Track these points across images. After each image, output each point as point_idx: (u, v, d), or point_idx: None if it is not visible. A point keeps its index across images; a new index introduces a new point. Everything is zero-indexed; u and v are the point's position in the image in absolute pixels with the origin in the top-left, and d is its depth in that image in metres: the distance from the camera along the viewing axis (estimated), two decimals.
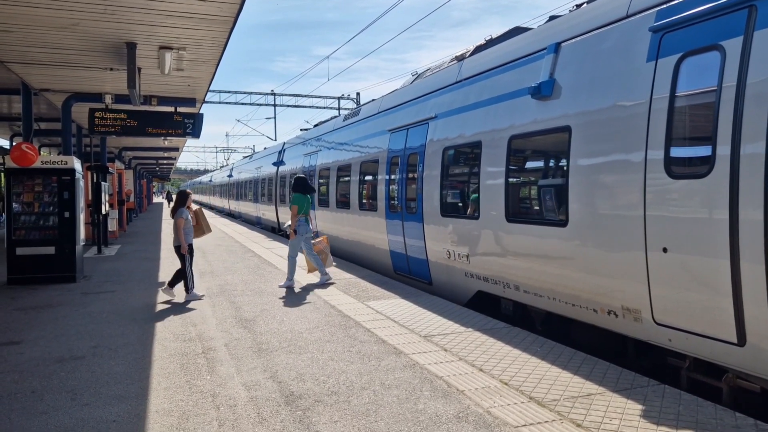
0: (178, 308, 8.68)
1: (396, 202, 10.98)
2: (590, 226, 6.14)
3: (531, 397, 4.85)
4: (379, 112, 12.84)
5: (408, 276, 10.89)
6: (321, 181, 16.36)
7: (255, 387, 5.21)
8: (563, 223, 6.50)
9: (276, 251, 16.05)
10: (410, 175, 10.44)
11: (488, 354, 6.06)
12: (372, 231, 12.31)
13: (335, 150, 15.50)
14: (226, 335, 7.05)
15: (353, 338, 6.79)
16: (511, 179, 7.59)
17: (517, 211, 7.49)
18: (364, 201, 12.83)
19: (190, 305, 8.88)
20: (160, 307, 8.83)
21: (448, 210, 9.14)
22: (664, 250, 5.22)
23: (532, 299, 7.31)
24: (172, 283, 9.51)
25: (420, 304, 8.57)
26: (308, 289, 10.01)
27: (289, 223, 10.68)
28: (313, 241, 10.89)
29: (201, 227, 9.97)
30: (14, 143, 19.96)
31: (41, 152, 29.11)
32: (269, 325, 7.49)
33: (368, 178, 12.79)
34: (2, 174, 11.13)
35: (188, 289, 9.43)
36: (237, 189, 36.40)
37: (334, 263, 11.73)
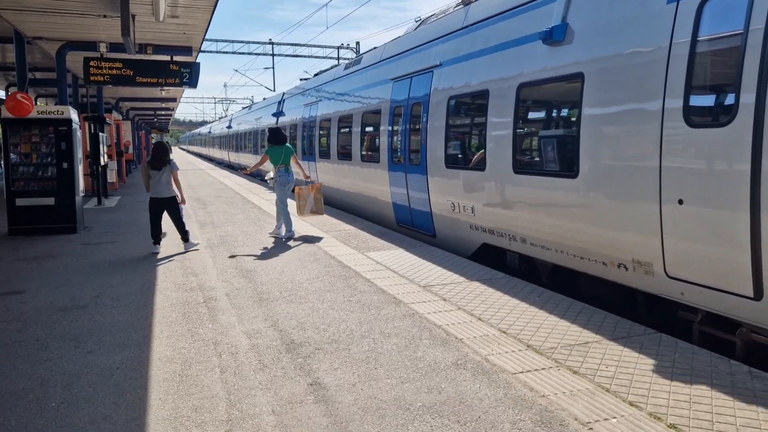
0: (178, 259, 8.72)
1: (399, 154, 10.80)
2: (602, 177, 6.00)
3: (529, 345, 4.91)
4: (381, 61, 12.50)
5: (411, 228, 10.77)
6: (321, 132, 16.07)
7: (256, 335, 5.27)
8: (573, 175, 6.35)
9: (273, 202, 16.01)
10: (414, 126, 10.22)
11: (487, 303, 6.11)
12: (374, 183, 12.12)
13: (336, 100, 15.12)
14: (227, 285, 7.11)
15: (353, 288, 6.84)
16: (519, 129, 7.39)
17: (525, 162, 7.32)
18: (366, 153, 12.60)
19: (189, 256, 8.91)
20: (161, 257, 8.87)
21: (452, 161, 8.96)
22: (680, 201, 5.09)
23: (538, 252, 7.22)
24: (186, 236, 9.51)
25: (420, 255, 8.61)
26: (308, 240, 10.03)
27: (271, 174, 10.79)
28: (308, 183, 11.13)
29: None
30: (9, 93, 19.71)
31: (37, 103, 28.79)
32: (270, 276, 7.54)
33: (370, 129, 12.50)
34: None
35: (187, 238, 9.51)
36: (236, 140, 35.80)
37: (324, 212, 11.42)
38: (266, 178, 11.53)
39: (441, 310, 5.93)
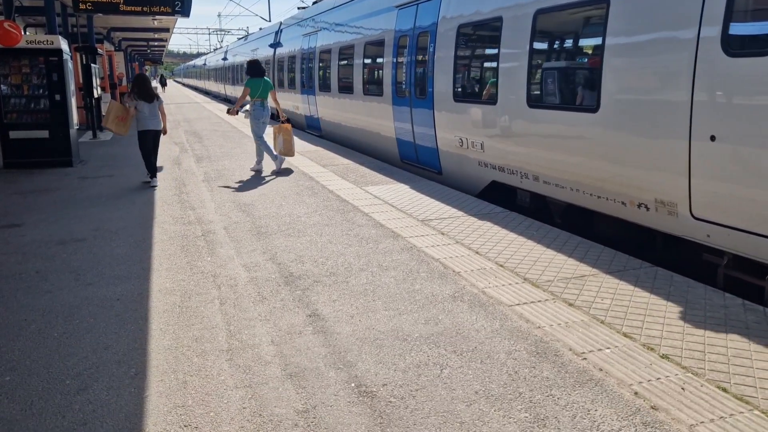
0: (176, 193, 8.68)
1: (404, 87, 10.32)
2: (625, 112, 5.66)
3: (525, 278, 4.95)
4: None
5: (416, 165, 10.44)
6: (321, 64, 15.43)
7: (255, 268, 5.30)
8: (593, 109, 6.00)
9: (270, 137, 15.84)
10: (420, 58, 9.72)
11: (485, 238, 6.13)
12: (377, 118, 11.68)
13: (337, 30, 14.40)
14: (225, 219, 7.10)
15: (351, 222, 6.84)
16: (534, 60, 6.96)
17: (541, 96, 6.93)
18: (369, 86, 12.10)
19: (187, 190, 8.87)
20: (158, 192, 8.83)
21: (461, 95, 8.58)
22: (712, 138, 4.77)
23: (552, 190, 6.95)
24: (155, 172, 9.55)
25: (419, 189, 8.58)
26: (306, 174, 9.97)
27: (248, 108, 10.63)
28: (278, 124, 10.81)
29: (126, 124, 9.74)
30: None
31: (26, 33, 28.01)
32: (268, 210, 7.53)
33: (373, 61, 12.01)
34: None
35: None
36: (233, 73, 34.90)
37: (293, 154, 11.01)
38: (242, 110, 11.23)
39: (439, 243, 5.95)
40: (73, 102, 11.89)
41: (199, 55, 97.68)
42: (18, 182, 9.73)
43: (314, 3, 19.50)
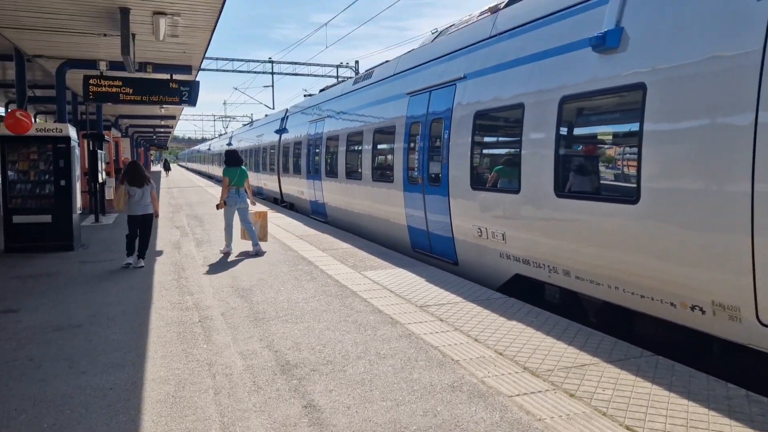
0: (175, 278, 8.69)
1: (416, 174, 10.02)
2: (672, 203, 5.16)
3: (525, 367, 4.89)
4: (395, 74, 11.80)
5: (429, 254, 10.01)
6: (328, 150, 15.32)
7: (251, 356, 5.24)
8: (633, 200, 5.54)
9: (272, 220, 16.03)
10: (434, 143, 9.49)
11: (484, 324, 6.09)
12: (387, 204, 11.36)
13: (345, 116, 14.40)
14: (222, 304, 7.08)
15: (350, 308, 6.81)
16: (562, 147, 6.56)
17: (570, 185, 6.46)
18: (379, 171, 11.88)
19: (186, 275, 8.89)
20: (157, 276, 8.84)
21: (480, 182, 8.19)
22: None
23: (586, 287, 6.38)
24: (144, 254, 9.88)
25: (418, 274, 8.59)
26: (305, 259, 10.02)
27: (220, 194, 11.08)
28: (252, 212, 11.23)
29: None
30: (9, 110, 19.75)
31: (37, 120, 28.87)
32: (266, 295, 7.51)
33: (383, 146, 11.89)
34: None
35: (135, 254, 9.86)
36: None
37: (267, 239, 11.46)
38: (218, 202, 11.31)
39: (438, 330, 5.90)
40: (78, 187, 12.12)
41: (204, 140, 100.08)
42: (18, 266, 9.75)
43: (321, 91, 19.80)
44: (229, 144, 39.35)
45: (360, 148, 12.90)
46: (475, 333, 5.80)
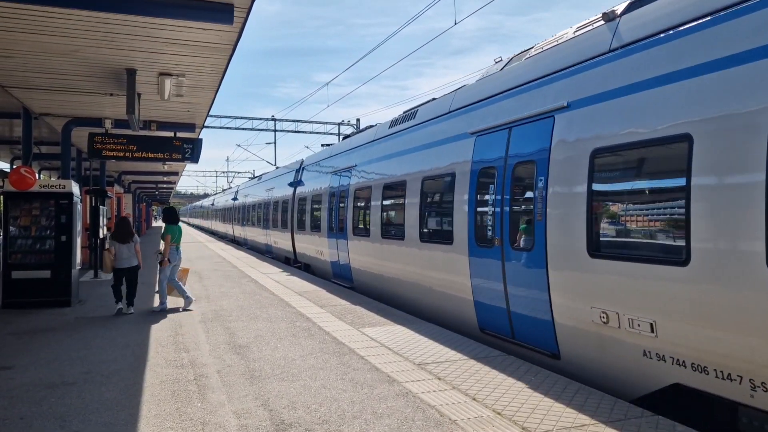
0: (171, 334, 8.63)
1: (490, 233, 7.94)
2: None
3: (524, 427, 4.80)
4: (451, 112, 9.69)
5: (509, 340, 7.67)
6: (358, 204, 13.28)
7: (245, 415, 5.16)
8: None
9: (273, 276, 16.01)
10: (518, 194, 7.50)
11: (482, 383, 6.01)
12: (442, 271, 9.19)
13: (380, 165, 12.22)
14: (218, 362, 7.01)
15: (347, 366, 6.74)
16: None
17: None
18: (430, 230, 9.77)
19: (183, 331, 8.82)
20: (154, 333, 8.78)
21: (608, 247, 5.97)
22: None
23: None
24: (132, 302, 10.61)
25: (416, 331, 8.53)
26: (303, 315, 9.96)
27: (161, 249, 11.07)
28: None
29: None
30: (14, 167, 20.04)
31: (41, 176, 29.22)
32: (263, 352, 7.44)
33: (435, 198, 9.85)
34: (1, 197, 11.33)
35: (131, 303, 10.62)
36: (243, 213, 32.40)
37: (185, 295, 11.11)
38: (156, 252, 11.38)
39: (435, 389, 5.82)
40: (78, 242, 12.17)
41: (206, 195, 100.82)
42: (14, 322, 9.69)
43: (345, 138, 17.71)
44: (235, 199, 37.43)
45: (402, 201, 10.79)
46: (474, 392, 5.72)
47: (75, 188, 11.83)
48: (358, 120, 40.76)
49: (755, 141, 4.53)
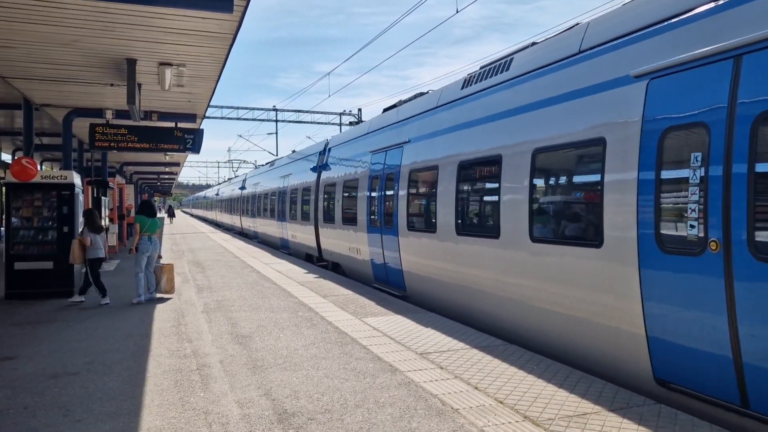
0: (174, 324, 8.64)
1: (695, 231, 4.96)
2: None
3: (526, 416, 4.81)
4: (590, 50, 6.48)
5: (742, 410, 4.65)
6: (412, 190, 10.52)
7: (248, 404, 5.17)
8: None
9: (274, 266, 16.02)
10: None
11: (484, 372, 6.02)
12: (576, 286, 6.27)
13: (452, 136, 9.23)
14: (221, 351, 7.02)
15: (349, 355, 6.75)
16: None
17: None
18: (549, 223, 6.92)
19: (186, 321, 8.84)
20: (156, 323, 8.80)
21: None
22: None
23: None
24: (83, 290, 10.86)
25: (418, 321, 8.53)
26: (306, 305, 9.97)
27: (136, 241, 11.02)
28: (161, 264, 11.33)
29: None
30: (16, 158, 20.04)
31: (43, 167, 29.17)
32: (265, 342, 7.45)
33: (562, 179, 6.92)
34: (3, 188, 11.37)
35: (83, 292, 10.88)
36: (253, 203, 29.34)
37: (173, 292, 11.36)
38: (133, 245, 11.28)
39: (437, 378, 5.83)
40: None
41: (208, 186, 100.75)
42: (17, 313, 9.72)
43: (387, 110, 13.42)
44: (242, 188, 34.51)
45: (495, 184, 7.88)
46: (476, 381, 5.73)
47: (76, 179, 11.82)
48: (359, 110, 40.64)
49: None
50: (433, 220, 9.62)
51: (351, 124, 37.25)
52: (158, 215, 11.44)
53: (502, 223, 7.66)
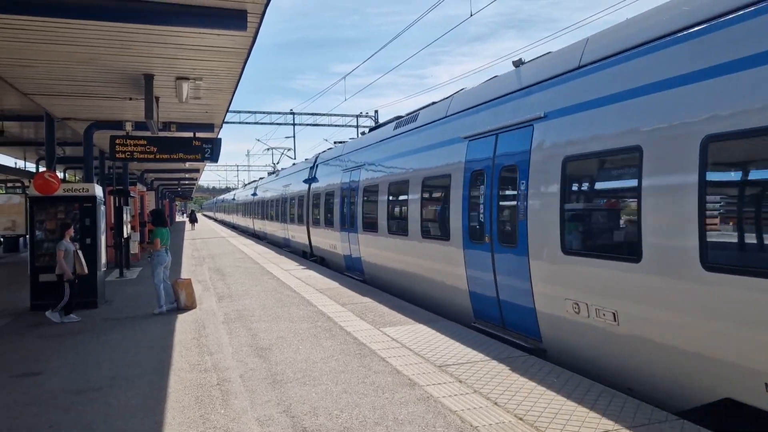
0: (195, 336, 8.73)
1: None
2: None
3: None
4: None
5: None
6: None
7: (268, 422, 5.21)
8: None
9: (294, 273, 16.10)
10: None
11: (504, 386, 5.99)
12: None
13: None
14: (241, 365, 7.07)
15: (368, 368, 6.76)
16: None
17: None
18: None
19: (207, 332, 8.92)
20: (178, 335, 8.89)
21: None
22: None
23: None
24: (55, 306, 10.31)
25: (438, 329, 8.52)
26: (325, 314, 10.01)
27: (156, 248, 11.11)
28: (179, 279, 11.35)
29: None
30: (40, 169, 20.39)
31: (66, 175, 29.55)
32: (285, 354, 7.50)
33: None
34: (26, 198, 11.67)
35: (56, 308, 10.27)
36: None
37: (195, 306, 11.20)
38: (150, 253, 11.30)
39: (457, 393, 5.82)
40: (103, 241, 12.36)
41: (227, 189, 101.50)
42: (42, 325, 9.89)
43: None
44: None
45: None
46: (495, 395, 5.70)
47: (98, 191, 11.99)
48: (376, 112, 40.68)
49: None
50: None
51: (369, 127, 37.37)
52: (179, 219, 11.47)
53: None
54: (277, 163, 45.68)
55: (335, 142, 21.76)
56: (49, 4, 5.98)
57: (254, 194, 37.83)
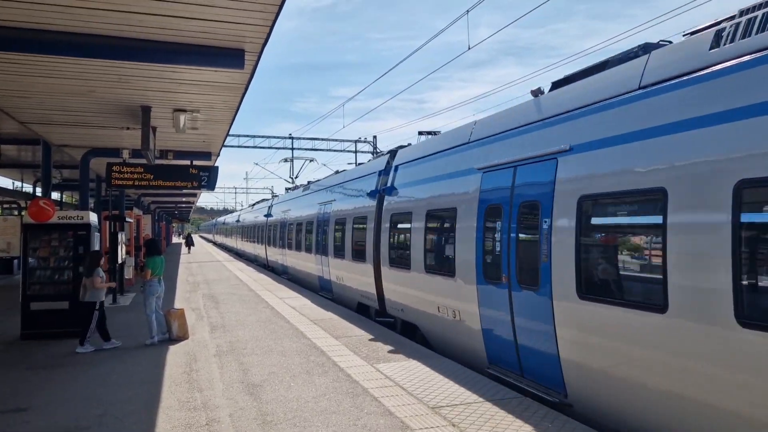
0: (186, 370, 8.62)
1: None
2: None
3: None
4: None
5: None
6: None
7: None
8: None
9: (289, 302, 16.01)
10: None
11: (497, 430, 5.90)
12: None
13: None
14: (231, 403, 6.97)
15: (360, 409, 6.67)
16: None
17: None
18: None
19: (198, 366, 8.82)
20: (168, 368, 8.78)
21: None
22: None
23: None
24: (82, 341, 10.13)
25: (432, 367, 8.43)
26: (318, 349, 9.91)
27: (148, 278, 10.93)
28: (171, 309, 11.21)
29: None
30: (37, 191, 20.36)
31: (63, 198, 29.46)
32: (276, 392, 7.40)
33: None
34: (21, 219, 11.64)
35: (83, 341, 10.11)
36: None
37: (188, 336, 11.05)
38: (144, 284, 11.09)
39: None
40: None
41: (226, 211, 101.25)
42: (32, 355, 9.77)
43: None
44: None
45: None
46: None
47: (93, 218, 11.94)
48: (374, 137, 40.85)
49: None
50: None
51: (369, 153, 37.38)
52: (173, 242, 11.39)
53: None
54: (296, 177, 39.80)
55: (369, 152, 21.60)
56: (45, 42, 5.99)
57: (268, 215, 30.02)
